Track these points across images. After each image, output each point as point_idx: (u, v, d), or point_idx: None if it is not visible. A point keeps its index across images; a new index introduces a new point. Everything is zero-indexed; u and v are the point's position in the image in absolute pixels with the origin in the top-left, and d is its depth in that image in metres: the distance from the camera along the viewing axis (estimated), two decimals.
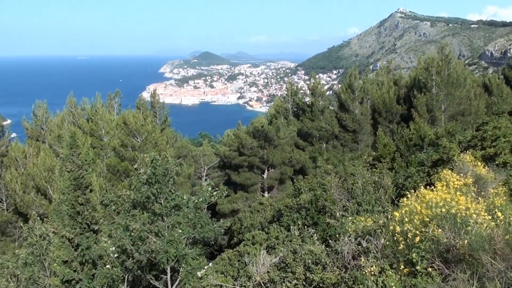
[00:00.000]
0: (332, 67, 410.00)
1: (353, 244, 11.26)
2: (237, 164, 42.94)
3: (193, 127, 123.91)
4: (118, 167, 34.35)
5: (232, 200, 42.22)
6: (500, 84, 57.35)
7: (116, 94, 46.78)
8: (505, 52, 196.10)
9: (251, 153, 42.03)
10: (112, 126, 38.87)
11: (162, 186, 15.30)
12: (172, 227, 15.44)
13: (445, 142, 22.42)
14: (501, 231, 8.64)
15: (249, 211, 31.25)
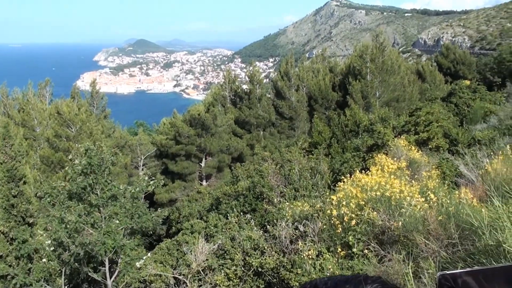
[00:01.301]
0: (268, 55, 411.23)
1: (291, 228, 11.42)
2: (174, 153, 42.65)
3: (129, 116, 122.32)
4: (52, 158, 33.58)
5: (170, 190, 41.96)
6: (433, 71, 58.96)
7: (47, 83, 45.64)
8: (438, 40, 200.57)
9: (188, 141, 41.82)
10: (44, 116, 37.96)
11: (98, 176, 15.02)
12: (109, 218, 15.19)
13: (380, 128, 22.93)
14: (434, 212, 8.89)
15: (187, 200, 31.19)
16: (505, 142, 16.99)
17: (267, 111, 48.80)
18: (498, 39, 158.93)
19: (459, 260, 7.40)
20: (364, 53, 46.71)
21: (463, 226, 8.13)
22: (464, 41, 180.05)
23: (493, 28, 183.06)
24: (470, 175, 13.64)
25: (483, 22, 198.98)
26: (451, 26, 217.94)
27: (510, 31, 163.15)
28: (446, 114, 26.74)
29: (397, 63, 48.43)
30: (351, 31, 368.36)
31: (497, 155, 13.32)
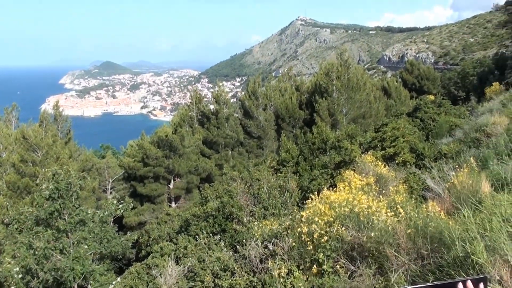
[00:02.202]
0: (235, 74, 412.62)
1: (260, 248, 11.38)
2: (142, 175, 42.32)
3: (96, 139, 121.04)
4: (18, 184, 33.00)
5: (139, 212, 41.54)
6: (398, 87, 59.82)
7: (13, 107, 45.06)
8: (402, 56, 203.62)
9: (156, 163, 41.57)
10: (10, 141, 37.39)
11: (66, 201, 14.86)
12: (77, 243, 15.03)
13: (347, 144, 23.07)
14: (403, 226, 8.95)
15: (156, 223, 30.92)
16: (471, 154, 17.22)
17: (235, 130, 48.87)
18: (461, 54, 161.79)
19: (429, 272, 7.46)
20: (330, 71, 47.20)
21: (431, 239, 8.20)
22: (428, 57, 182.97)
23: (456, 43, 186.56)
24: (437, 188, 13.78)
25: (446, 38, 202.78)
26: (415, 42, 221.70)
27: (472, 46, 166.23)
28: (412, 129, 27.06)
29: (363, 80, 49.03)
30: (316, 50, 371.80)
31: (462, 167, 13.50)
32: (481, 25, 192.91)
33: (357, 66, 59.89)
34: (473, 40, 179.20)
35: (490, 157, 15.32)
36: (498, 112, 24.90)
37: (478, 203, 9.33)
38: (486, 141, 19.40)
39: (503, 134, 18.32)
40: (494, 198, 9.82)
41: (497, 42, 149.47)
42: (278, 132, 48.94)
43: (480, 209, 8.65)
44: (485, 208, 8.87)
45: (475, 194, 11.10)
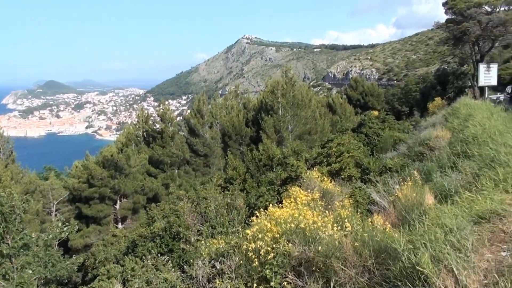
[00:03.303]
0: (181, 92, 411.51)
1: (207, 267, 11.24)
2: (87, 196, 41.47)
3: (40, 160, 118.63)
4: None
5: (85, 235, 40.65)
6: (343, 103, 60.74)
7: None
8: (347, 73, 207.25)
9: (101, 184, 40.83)
10: None
11: (9, 224, 14.40)
12: (21, 268, 14.55)
13: (293, 161, 23.16)
14: (349, 240, 8.96)
15: (102, 245, 30.31)
16: (415, 167, 17.49)
17: (181, 149, 48.56)
18: (404, 70, 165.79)
19: (376, 285, 7.48)
20: (275, 88, 47.51)
21: (377, 252, 8.22)
22: (372, 74, 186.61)
23: (399, 60, 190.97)
24: (382, 202, 13.92)
25: (389, 55, 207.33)
26: (359, 59, 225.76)
27: (415, 62, 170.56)
28: (357, 144, 27.37)
29: (308, 97, 49.57)
30: (262, 68, 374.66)
31: (407, 181, 13.68)
32: (423, 42, 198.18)
33: (302, 83, 60.70)
34: (415, 57, 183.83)
35: (433, 170, 15.59)
36: (440, 126, 25.45)
37: (423, 215, 9.43)
38: (429, 155, 19.76)
39: (446, 147, 18.69)
40: (438, 210, 9.96)
41: (439, 59, 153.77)
42: (225, 150, 48.88)
43: (424, 221, 8.73)
44: (429, 219, 8.97)
45: (419, 206, 11.24)
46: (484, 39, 47.47)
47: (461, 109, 27.39)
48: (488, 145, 14.54)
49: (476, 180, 11.95)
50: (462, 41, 48.66)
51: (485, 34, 45.99)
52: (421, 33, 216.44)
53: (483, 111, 23.55)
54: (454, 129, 22.22)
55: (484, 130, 17.36)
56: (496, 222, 8.61)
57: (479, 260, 6.96)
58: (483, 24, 44.92)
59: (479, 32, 45.60)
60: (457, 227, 8.01)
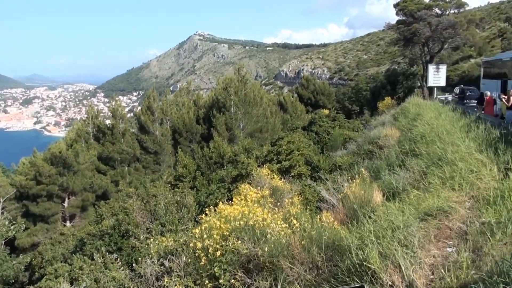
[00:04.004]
0: (132, 89, 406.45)
1: (156, 265, 11.12)
2: (35, 194, 40.59)
3: None
4: None
5: (32, 233, 39.80)
6: (295, 102, 60.99)
7: None
8: (299, 72, 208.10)
9: (49, 181, 40.04)
10: None
11: None
12: None
13: (243, 158, 23.16)
14: (297, 237, 8.97)
15: (50, 243, 29.75)
16: (364, 166, 17.66)
17: (131, 146, 48.02)
18: (355, 70, 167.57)
19: (324, 281, 7.49)
20: (228, 86, 47.46)
21: (326, 249, 8.25)
22: (323, 73, 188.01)
23: (350, 60, 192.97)
24: (331, 199, 14.01)
25: (341, 54, 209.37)
26: (310, 58, 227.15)
27: (366, 62, 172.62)
28: (307, 142, 27.57)
29: (260, 95, 49.66)
30: (214, 65, 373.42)
31: (356, 179, 13.80)
32: (375, 42, 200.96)
33: (254, 81, 60.83)
34: (366, 56, 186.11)
35: (382, 168, 15.78)
36: (390, 125, 25.81)
37: (371, 212, 9.51)
38: (378, 153, 20.01)
39: (395, 146, 18.96)
40: (386, 207, 10.07)
41: (389, 59, 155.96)
42: (175, 147, 48.53)
43: (372, 218, 8.80)
44: (378, 216, 9.06)
45: (367, 203, 11.35)
46: (433, 40, 48.42)
47: (410, 109, 27.85)
48: (436, 144, 14.79)
49: (423, 178, 12.14)
50: (412, 42, 49.54)
51: (434, 35, 46.91)
52: (373, 34, 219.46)
53: (431, 111, 23.98)
54: (403, 128, 22.57)
55: (432, 130, 17.67)
56: (442, 219, 8.75)
57: (426, 256, 7.05)
58: (433, 26, 45.80)
59: (429, 33, 46.48)
60: (405, 224, 8.11)
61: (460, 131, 16.68)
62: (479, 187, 10.40)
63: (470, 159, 12.08)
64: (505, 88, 26.71)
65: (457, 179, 10.89)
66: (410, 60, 63.00)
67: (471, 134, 15.87)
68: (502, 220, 7.98)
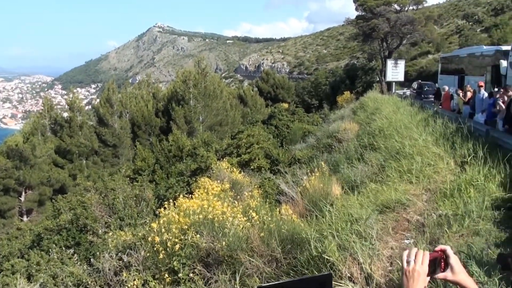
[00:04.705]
0: (90, 81, 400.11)
1: (114, 260, 11.00)
2: None
3: None
4: None
5: None
6: (254, 95, 61.02)
7: None
8: (259, 66, 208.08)
9: (5, 175, 39.22)
10: None
11: None
12: None
13: (203, 152, 23.12)
14: (256, 230, 8.98)
15: (6, 239, 29.22)
16: (323, 159, 17.79)
17: (89, 139, 47.36)
18: (315, 64, 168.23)
19: (283, 274, 7.52)
20: (187, 78, 47.20)
21: (284, 241, 8.28)
22: (283, 67, 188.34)
23: (310, 54, 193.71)
24: (291, 192, 14.09)
25: (300, 48, 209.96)
26: (270, 52, 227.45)
27: (325, 57, 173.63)
28: (267, 136, 27.64)
29: (219, 88, 49.58)
30: (174, 57, 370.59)
31: (315, 172, 13.88)
32: (334, 37, 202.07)
33: (214, 74, 60.66)
34: (326, 51, 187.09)
35: (341, 161, 15.92)
36: (349, 119, 26.07)
37: (330, 205, 9.57)
38: (337, 147, 20.18)
39: (353, 140, 19.14)
40: (345, 200, 10.15)
41: (349, 54, 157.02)
42: (134, 140, 48.09)
43: (331, 211, 8.85)
44: (336, 209, 9.12)
45: (326, 196, 11.43)
46: (392, 36, 48.93)
47: (369, 103, 28.15)
48: (394, 138, 14.98)
49: (381, 171, 12.29)
50: (371, 38, 49.97)
51: (393, 31, 47.40)
52: (332, 29, 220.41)
53: (390, 106, 24.28)
54: (361, 122, 22.81)
55: (391, 124, 17.88)
56: (400, 212, 8.87)
57: (384, 247, 7.14)
58: (392, 22, 46.29)
59: (388, 29, 46.95)
60: (363, 217, 8.18)
61: (418, 126, 16.92)
62: (436, 180, 10.58)
63: (428, 153, 12.27)
64: (462, 84, 27.23)
65: (415, 172, 11.05)
66: (369, 55, 63.62)
67: (428, 128, 16.12)
68: (459, 212, 8.14)
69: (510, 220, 7.89)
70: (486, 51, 27.20)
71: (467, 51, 31.58)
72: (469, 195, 8.98)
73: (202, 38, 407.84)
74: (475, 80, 23.62)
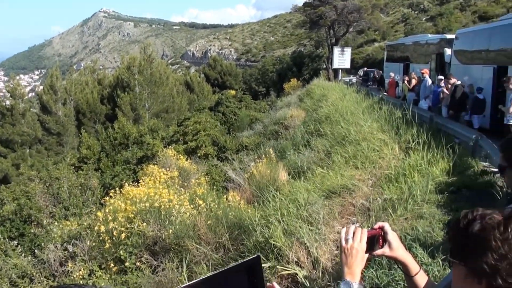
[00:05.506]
0: (34, 67, 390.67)
1: (60, 250, 10.83)
2: None
3: None
4: None
5: None
6: (201, 82, 60.70)
7: None
8: (206, 52, 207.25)
9: None
10: None
11: None
12: None
13: (149, 139, 22.97)
14: (203, 218, 8.98)
15: None
16: (270, 146, 17.88)
17: (33, 127, 46.28)
18: (262, 51, 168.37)
19: (231, 260, 7.54)
20: (132, 65, 46.58)
21: (232, 228, 8.30)
22: (230, 53, 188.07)
23: (257, 41, 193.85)
24: (238, 179, 14.12)
25: (248, 35, 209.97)
26: (218, 39, 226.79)
27: (273, 44, 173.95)
28: (214, 123, 27.58)
29: (166, 74, 49.05)
30: (120, 43, 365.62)
31: (262, 158, 13.94)
32: (281, 24, 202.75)
33: (160, 60, 60.05)
34: (273, 38, 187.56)
35: (287, 148, 16.03)
36: (295, 106, 26.23)
37: (276, 191, 9.63)
38: (284, 133, 20.33)
39: (300, 127, 19.29)
40: (291, 186, 10.22)
41: (296, 41, 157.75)
42: (79, 128, 47.26)
43: (278, 197, 8.91)
44: (283, 195, 9.18)
45: (273, 182, 11.49)
46: (339, 24, 49.28)
47: (315, 90, 28.37)
48: (340, 124, 15.15)
49: (328, 157, 12.42)
50: (318, 25, 50.23)
51: (340, 19, 47.75)
52: (280, 16, 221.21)
53: (336, 92, 24.53)
54: (308, 109, 22.99)
55: (337, 110, 18.08)
56: (346, 196, 8.99)
57: (330, 232, 7.23)
58: (338, 10, 46.63)
59: (335, 17, 47.27)
60: (309, 202, 8.26)
61: (364, 112, 17.14)
62: (382, 165, 10.76)
63: (373, 139, 12.46)
64: (407, 71, 27.70)
65: (360, 158, 11.22)
66: (316, 43, 64.11)
67: (374, 115, 16.35)
68: (403, 196, 8.30)
69: (453, 203, 8.11)
70: (431, 39, 27.70)
71: (412, 39, 32.12)
72: (413, 180, 9.18)
73: (149, 23, 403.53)
74: (420, 67, 24.02)
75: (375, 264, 5.59)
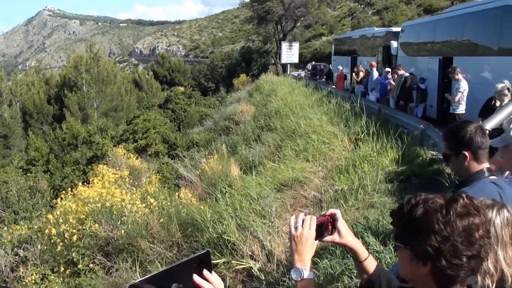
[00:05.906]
0: None
1: (10, 255, 10.62)
2: None
3: None
4: None
5: None
6: (150, 79, 60.28)
7: None
8: (154, 49, 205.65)
9: None
10: None
11: None
12: None
13: (98, 139, 22.72)
14: (155, 216, 8.94)
15: None
16: (221, 141, 17.89)
17: None
18: (211, 47, 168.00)
19: (185, 258, 7.49)
20: (79, 63, 45.85)
21: (184, 225, 8.29)
22: (179, 50, 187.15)
23: (206, 37, 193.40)
24: (189, 176, 14.09)
25: (196, 32, 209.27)
26: (165, 36, 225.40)
27: (221, 40, 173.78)
28: (164, 120, 27.46)
29: (113, 72, 48.45)
30: (66, 42, 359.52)
31: (213, 154, 13.94)
32: (230, 20, 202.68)
33: (107, 59, 59.31)
34: (221, 34, 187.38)
35: (238, 143, 16.06)
36: (245, 101, 26.26)
37: (229, 186, 9.65)
38: (235, 129, 20.34)
39: (250, 121, 19.35)
40: (243, 180, 10.25)
41: (244, 37, 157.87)
42: (26, 130, 46.38)
43: (230, 192, 8.93)
44: (235, 190, 9.21)
45: (225, 178, 11.50)
46: (286, 19, 49.47)
47: (264, 85, 28.44)
48: (290, 118, 15.22)
49: (279, 151, 12.48)
50: (266, 20, 50.32)
51: (287, 14, 47.92)
52: (228, 11, 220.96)
53: (285, 87, 24.63)
54: (258, 104, 23.06)
55: (286, 105, 18.18)
56: (297, 189, 9.07)
57: (283, 224, 7.29)
58: (286, 5, 46.79)
59: (282, 12, 47.43)
60: (261, 196, 8.30)
61: (313, 106, 17.28)
62: (332, 157, 10.89)
63: (323, 132, 12.59)
64: (354, 64, 27.99)
65: (311, 150, 11.31)
66: (264, 38, 64.17)
67: (323, 108, 16.50)
68: (354, 187, 8.41)
69: (403, 191, 8.26)
70: (377, 32, 28.04)
71: (359, 33, 32.47)
72: (363, 170, 9.32)
73: (95, 21, 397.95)
74: (368, 60, 24.32)
75: (329, 253, 5.66)
